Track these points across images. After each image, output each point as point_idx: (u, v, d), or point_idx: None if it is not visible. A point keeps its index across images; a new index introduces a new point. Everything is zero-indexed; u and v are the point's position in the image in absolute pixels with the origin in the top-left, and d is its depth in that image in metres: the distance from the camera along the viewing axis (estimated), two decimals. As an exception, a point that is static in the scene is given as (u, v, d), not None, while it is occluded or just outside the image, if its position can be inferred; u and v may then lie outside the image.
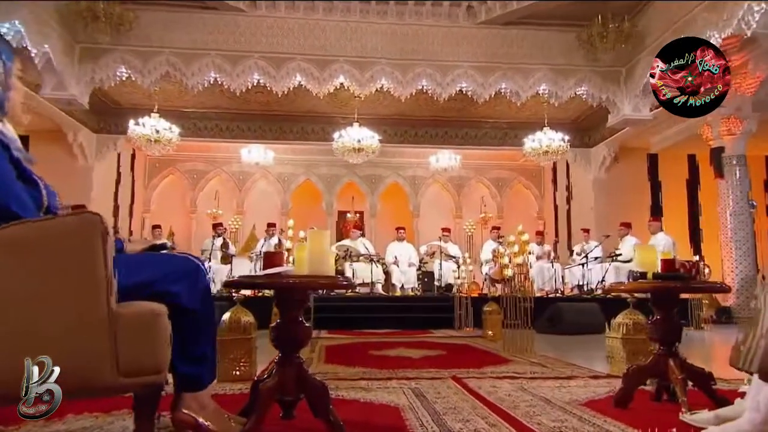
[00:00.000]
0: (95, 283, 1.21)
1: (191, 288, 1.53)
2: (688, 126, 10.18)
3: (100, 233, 1.24)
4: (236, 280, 1.76)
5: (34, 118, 10.05)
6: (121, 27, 7.97)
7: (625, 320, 2.92)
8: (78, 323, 1.21)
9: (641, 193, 11.72)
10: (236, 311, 2.77)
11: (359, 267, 8.58)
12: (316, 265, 1.69)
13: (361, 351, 4.18)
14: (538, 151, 10.13)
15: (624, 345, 2.85)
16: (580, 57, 8.66)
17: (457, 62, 8.61)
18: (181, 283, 1.52)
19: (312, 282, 1.71)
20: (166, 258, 1.65)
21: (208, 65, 8.36)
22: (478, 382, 2.68)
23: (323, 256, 1.71)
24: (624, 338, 2.85)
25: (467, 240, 13.62)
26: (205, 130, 11.65)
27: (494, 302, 5.43)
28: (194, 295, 1.54)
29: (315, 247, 1.71)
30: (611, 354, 2.99)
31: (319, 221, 13.66)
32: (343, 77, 8.51)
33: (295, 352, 1.73)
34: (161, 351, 1.30)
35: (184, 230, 13.26)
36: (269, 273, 1.67)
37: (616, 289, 2.43)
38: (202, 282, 1.59)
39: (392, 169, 13.73)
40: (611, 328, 3.00)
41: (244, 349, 2.71)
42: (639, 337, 2.88)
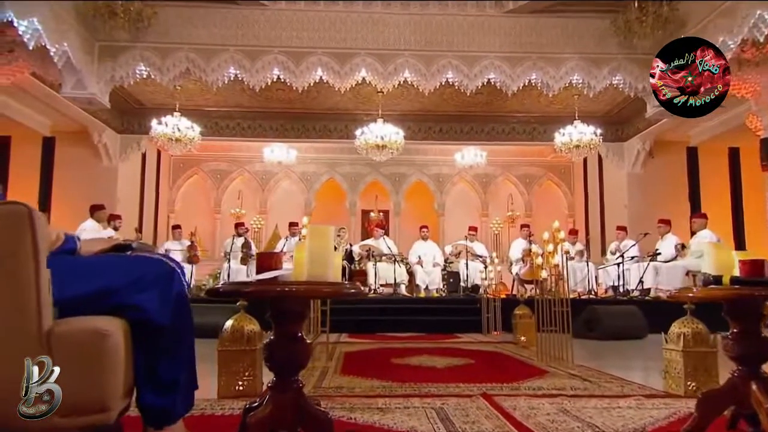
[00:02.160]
0: (20, 291, 0.93)
1: (162, 298, 1.24)
2: (733, 116, 9.58)
3: (28, 228, 0.96)
4: (221, 287, 1.46)
5: (60, 120, 10.09)
6: (139, 24, 7.83)
7: (683, 329, 2.54)
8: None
9: (678, 189, 11.11)
10: (239, 319, 2.49)
11: (382, 267, 8.28)
12: (317, 268, 1.39)
13: (381, 358, 3.88)
14: (569, 146, 9.68)
15: (684, 358, 2.47)
16: (614, 44, 8.18)
17: (484, 53, 8.23)
18: (149, 292, 1.22)
19: (311, 290, 1.41)
20: (131, 261, 1.34)
21: (227, 61, 8.18)
22: (512, 401, 2.33)
23: (326, 257, 1.40)
24: (684, 351, 2.47)
25: (494, 239, 13.20)
26: (227, 129, 11.52)
27: (525, 305, 5.06)
28: (165, 307, 1.24)
29: (316, 247, 1.41)
30: (667, 368, 2.61)
31: (342, 220, 13.42)
32: (365, 71, 8.22)
33: (292, 375, 1.43)
34: (109, 382, 1.02)
35: (209, 231, 13.20)
36: (261, 279, 1.37)
37: (684, 297, 2.07)
38: (176, 290, 1.29)
39: (416, 167, 13.41)
40: (669, 338, 2.61)
41: (248, 361, 2.42)
42: (701, 349, 2.49)
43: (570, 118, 9.96)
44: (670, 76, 5.75)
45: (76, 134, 10.37)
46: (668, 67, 5.68)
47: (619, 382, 2.92)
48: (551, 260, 3.64)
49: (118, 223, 7.98)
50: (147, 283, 1.24)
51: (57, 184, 10.53)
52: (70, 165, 10.56)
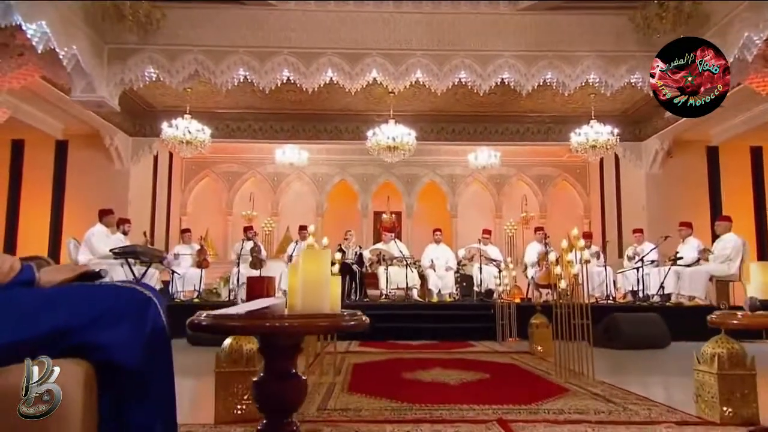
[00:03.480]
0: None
1: (132, 335, 1.07)
2: (756, 114, 9.28)
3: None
4: (204, 320, 1.29)
5: (72, 123, 10.10)
6: (148, 26, 7.77)
7: (717, 350, 2.34)
8: None
9: (698, 189, 10.80)
10: (238, 338, 2.35)
11: (394, 271, 8.10)
12: (311, 298, 1.24)
13: (392, 373, 3.71)
14: (585, 146, 9.44)
15: (720, 382, 2.27)
16: (633, 42, 7.93)
17: (498, 52, 8.03)
18: (116, 329, 1.05)
19: (306, 324, 1.24)
20: (97, 293, 1.16)
21: (236, 63, 8.07)
22: (530, 429, 2.16)
23: (321, 285, 1.25)
24: (720, 374, 2.27)
25: (508, 241, 12.97)
26: (238, 131, 11.45)
27: (542, 314, 4.86)
28: (135, 346, 1.07)
29: (311, 274, 1.25)
30: (700, 392, 2.41)
31: (354, 222, 13.29)
32: (376, 71, 8.06)
33: (285, 417, 1.28)
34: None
35: (220, 233, 13.17)
36: (251, 310, 1.22)
37: (729, 324, 1.88)
38: (151, 324, 1.12)
39: (429, 168, 13.25)
40: (701, 358, 2.41)
41: (247, 383, 2.27)
42: (737, 372, 2.30)
43: (586, 118, 9.72)
44: (670, 76, 5.52)
45: (88, 137, 10.39)
46: (668, 67, 5.46)
47: (645, 403, 2.72)
48: (570, 270, 3.45)
49: (127, 227, 7.91)
50: (114, 318, 1.08)
51: (70, 187, 10.57)
52: (82, 168, 10.58)
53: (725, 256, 6.87)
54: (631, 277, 8.06)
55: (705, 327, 6.57)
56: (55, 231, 10.33)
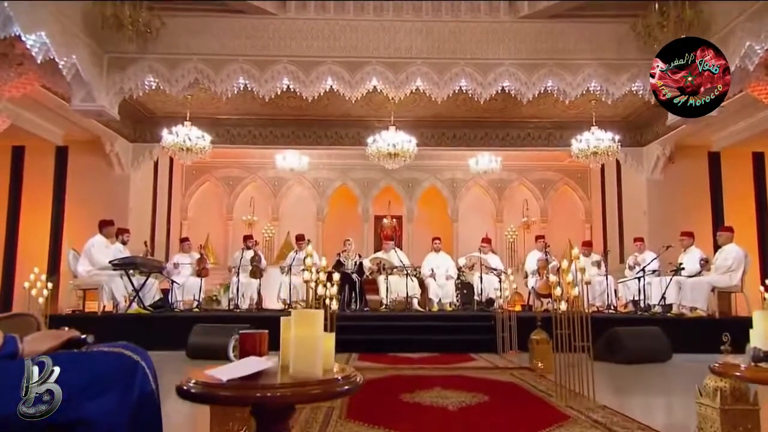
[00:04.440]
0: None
1: (120, 403, 1.05)
2: (758, 121, 9.23)
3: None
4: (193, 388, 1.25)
5: (72, 129, 10.08)
6: (148, 35, 7.75)
7: (720, 384, 2.31)
8: None
9: (700, 195, 10.76)
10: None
11: (394, 280, 8.08)
12: (304, 364, 1.21)
13: (392, 394, 3.68)
14: (586, 153, 9.41)
15: (722, 416, 2.24)
16: (634, 50, 7.90)
17: (498, 60, 8.00)
18: (102, 398, 1.03)
19: (297, 393, 1.21)
20: (82, 361, 1.13)
21: (236, 71, 8.06)
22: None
23: (314, 349, 1.22)
24: (722, 409, 2.24)
25: (509, 246, 12.94)
26: (239, 136, 11.43)
27: (542, 329, 4.84)
28: (122, 414, 1.05)
29: (303, 338, 1.23)
30: (701, 425, 2.39)
31: (355, 227, 13.29)
32: (376, 80, 8.05)
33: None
34: None
35: (221, 238, 13.17)
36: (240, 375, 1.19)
37: (731, 375, 1.85)
38: (139, 389, 1.09)
39: (430, 172, 13.23)
40: (703, 391, 2.39)
41: (243, 417, 2.26)
42: (740, 407, 2.27)
43: (587, 123, 9.69)
44: (670, 76, 5.49)
45: (88, 143, 10.37)
46: (668, 68, 5.42)
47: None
48: (571, 292, 3.42)
49: (126, 237, 7.90)
50: (100, 388, 1.05)
51: (70, 193, 10.56)
52: (83, 174, 10.57)
53: (727, 267, 6.84)
54: (632, 287, 8.03)
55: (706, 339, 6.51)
56: (55, 237, 10.33)
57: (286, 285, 8.19)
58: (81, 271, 7.01)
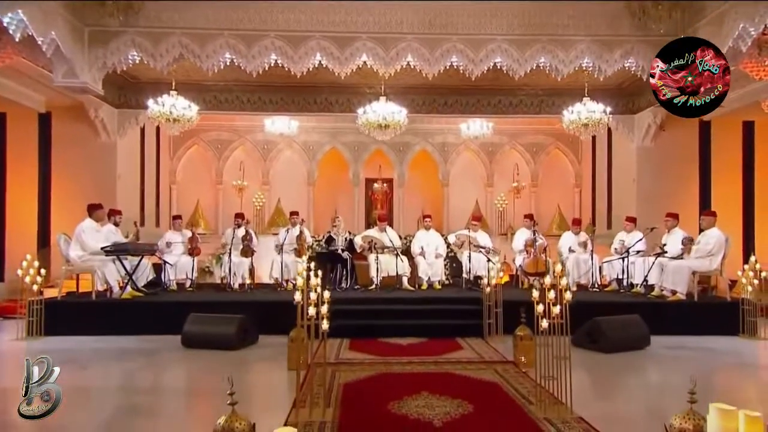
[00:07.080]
0: None
1: None
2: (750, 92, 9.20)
3: None
4: None
5: (55, 96, 9.79)
6: (130, 9, 7.48)
7: (684, 425, 2.49)
8: None
9: (689, 164, 10.87)
10: (230, 418, 2.46)
11: (384, 259, 8.23)
12: None
13: (380, 401, 3.89)
14: (577, 124, 9.38)
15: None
16: (627, 27, 7.78)
17: (490, 36, 7.85)
18: None
19: None
20: None
21: (222, 46, 7.86)
22: None
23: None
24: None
25: (498, 216, 13.09)
26: (227, 102, 11.22)
27: (526, 326, 5.04)
28: None
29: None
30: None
31: (345, 191, 13.35)
32: (366, 56, 7.88)
33: None
34: None
35: (211, 202, 13.17)
36: None
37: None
38: None
39: (421, 136, 13.18)
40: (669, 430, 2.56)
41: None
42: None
43: (580, 91, 9.55)
44: (670, 76, 5.48)
45: (71, 109, 10.08)
46: (668, 68, 5.40)
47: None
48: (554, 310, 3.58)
49: (118, 218, 7.89)
50: None
51: (56, 161, 10.40)
52: (68, 142, 10.37)
53: (707, 251, 7.03)
54: (616, 266, 8.24)
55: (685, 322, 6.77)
56: (44, 204, 10.27)
57: (278, 263, 8.32)
58: (73, 256, 7.05)
